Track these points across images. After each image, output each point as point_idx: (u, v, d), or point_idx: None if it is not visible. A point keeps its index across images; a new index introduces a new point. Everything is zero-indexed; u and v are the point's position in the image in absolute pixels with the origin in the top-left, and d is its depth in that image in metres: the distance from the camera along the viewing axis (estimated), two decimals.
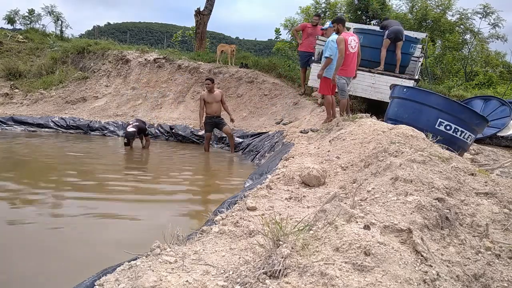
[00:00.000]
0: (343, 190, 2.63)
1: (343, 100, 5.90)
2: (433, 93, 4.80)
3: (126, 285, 1.41)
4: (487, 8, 13.95)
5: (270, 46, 19.10)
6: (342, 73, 5.71)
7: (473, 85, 13.06)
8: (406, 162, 2.30)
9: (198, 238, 1.96)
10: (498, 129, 6.72)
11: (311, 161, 3.80)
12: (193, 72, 10.17)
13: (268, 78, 9.49)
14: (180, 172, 5.58)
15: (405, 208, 1.72)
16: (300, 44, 8.36)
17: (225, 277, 1.42)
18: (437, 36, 14.01)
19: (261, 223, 2.07)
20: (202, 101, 7.01)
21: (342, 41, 5.56)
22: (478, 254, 1.57)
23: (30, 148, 6.88)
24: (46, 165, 5.55)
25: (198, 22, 12.12)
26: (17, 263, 2.48)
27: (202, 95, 7.10)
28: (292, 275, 1.28)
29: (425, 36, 8.85)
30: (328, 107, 6.23)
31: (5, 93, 10.13)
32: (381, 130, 3.73)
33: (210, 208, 3.27)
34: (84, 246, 2.78)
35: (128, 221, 3.35)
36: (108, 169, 5.82)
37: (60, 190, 4.21)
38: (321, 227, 1.52)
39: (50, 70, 11.00)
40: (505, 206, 1.97)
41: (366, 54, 6.79)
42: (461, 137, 4.29)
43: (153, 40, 47.36)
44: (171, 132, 8.58)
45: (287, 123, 7.57)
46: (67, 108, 9.69)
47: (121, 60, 10.84)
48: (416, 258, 1.37)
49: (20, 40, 12.78)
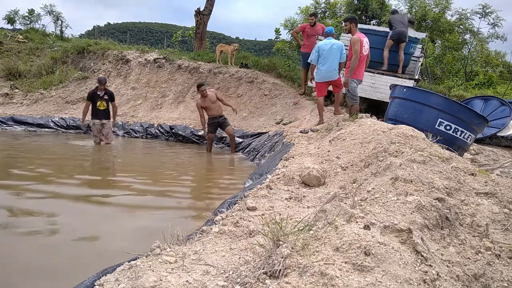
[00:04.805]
0: (343, 190, 2.63)
1: (355, 105, 5.76)
2: (433, 93, 4.80)
3: (126, 285, 1.41)
4: (486, 8, 13.97)
5: (270, 46, 19.11)
6: (353, 76, 5.56)
7: (473, 85, 13.07)
8: (406, 162, 2.30)
9: (198, 238, 1.96)
10: (498, 129, 6.72)
11: (311, 161, 3.80)
12: (193, 72, 10.17)
13: (268, 78, 9.48)
14: (180, 172, 5.58)
15: (405, 208, 1.72)
16: (302, 45, 8.38)
17: (225, 277, 1.42)
18: (437, 36, 14.03)
19: (261, 223, 2.07)
20: (200, 110, 6.91)
21: (357, 42, 5.37)
22: (478, 254, 1.57)
23: (30, 146, 6.89)
24: (50, 163, 5.55)
25: (198, 22, 12.13)
26: (17, 263, 2.48)
27: (198, 103, 6.99)
28: (292, 275, 1.28)
29: (425, 36, 8.85)
30: (320, 110, 6.19)
31: (5, 93, 10.13)
32: (381, 130, 3.72)
33: (210, 208, 3.27)
34: (84, 246, 2.78)
35: (128, 221, 3.35)
36: (108, 169, 5.83)
37: (60, 189, 4.21)
38: (321, 227, 1.52)
39: (50, 70, 11.01)
40: (505, 206, 1.97)
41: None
42: (461, 137, 4.29)
43: (153, 40, 47.40)
44: (171, 132, 8.59)
45: (287, 123, 7.57)
46: (67, 108, 9.69)
47: (121, 60, 10.85)
48: (416, 258, 1.37)
49: (20, 40, 12.79)
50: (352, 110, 5.80)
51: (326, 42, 5.90)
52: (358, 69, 5.55)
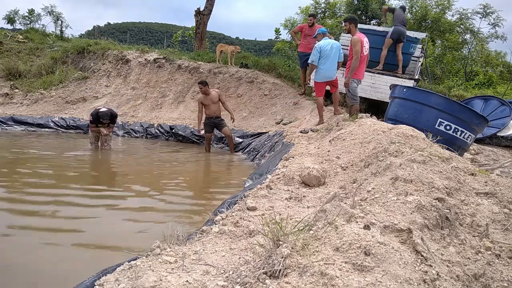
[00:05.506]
0: (343, 190, 2.63)
1: (355, 105, 5.80)
2: (433, 93, 4.80)
3: (126, 285, 1.41)
4: (487, 8, 13.97)
5: (270, 46, 19.11)
6: (354, 76, 5.57)
7: (473, 85, 13.08)
8: (406, 162, 2.30)
9: (198, 238, 1.96)
10: (498, 129, 6.72)
11: (311, 161, 3.80)
12: (193, 72, 10.17)
13: (268, 78, 9.48)
14: (180, 172, 5.58)
15: (405, 208, 1.72)
16: (299, 44, 8.41)
17: (225, 277, 1.42)
18: (437, 36, 14.03)
19: (261, 223, 2.07)
20: (200, 105, 6.99)
21: (358, 42, 5.38)
22: (478, 254, 1.57)
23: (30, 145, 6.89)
24: (50, 164, 5.55)
25: (198, 22, 12.13)
26: (16, 263, 2.48)
27: (199, 98, 7.10)
28: (292, 275, 1.28)
29: (425, 36, 8.85)
30: (320, 110, 6.20)
31: (5, 93, 10.13)
32: (381, 130, 3.72)
33: (210, 208, 3.27)
34: (84, 246, 2.77)
35: (127, 221, 3.35)
36: (108, 169, 5.83)
37: (60, 188, 4.21)
38: (321, 227, 1.52)
39: (50, 70, 11.01)
40: (505, 206, 1.97)
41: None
42: (461, 137, 4.29)
43: (153, 40, 47.41)
44: (171, 132, 8.59)
45: (287, 123, 7.57)
46: (67, 108, 9.69)
47: (121, 60, 10.84)
48: (416, 258, 1.37)
49: (20, 40, 12.78)
50: (352, 110, 5.80)
51: (326, 42, 5.92)
52: (358, 69, 5.56)
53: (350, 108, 5.95)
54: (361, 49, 5.42)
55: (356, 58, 5.41)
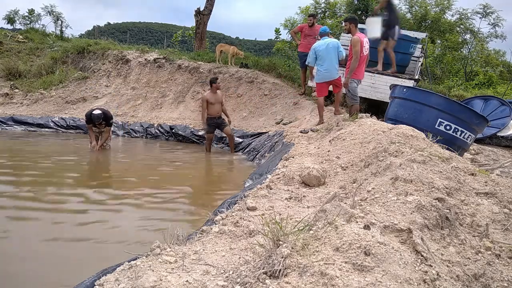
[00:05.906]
0: (343, 190, 2.63)
1: (355, 105, 5.78)
2: (433, 93, 4.80)
3: (126, 285, 1.41)
4: (487, 8, 13.97)
5: (270, 46, 19.10)
6: (354, 76, 5.55)
7: (473, 85, 13.07)
8: (406, 162, 2.30)
9: (198, 238, 1.96)
10: (498, 129, 6.72)
11: (311, 161, 3.80)
12: (193, 72, 10.16)
13: (268, 78, 9.48)
14: (180, 172, 5.58)
15: (405, 208, 1.72)
16: (299, 44, 8.41)
17: (225, 277, 1.42)
18: (437, 36, 14.03)
19: (261, 223, 2.07)
20: (205, 102, 6.84)
21: (357, 43, 5.36)
22: (478, 254, 1.57)
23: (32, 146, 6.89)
24: (49, 165, 5.55)
25: (198, 22, 12.12)
26: (16, 263, 2.48)
27: (205, 96, 6.93)
28: (292, 275, 1.28)
29: (425, 36, 8.85)
30: (320, 110, 6.19)
31: (5, 93, 10.12)
32: (381, 130, 3.72)
33: (210, 208, 3.27)
34: (85, 246, 2.78)
35: (128, 221, 3.35)
36: (108, 169, 5.83)
37: (59, 190, 4.21)
38: (321, 227, 1.52)
39: (50, 70, 10.99)
40: (505, 206, 1.97)
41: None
42: (461, 137, 4.29)
43: (153, 40, 47.36)
44: (171, 132, 8.59)
45: (287, 123, 7.56)
46: (67, 108, 9.68)
47: (121, 60, 10.84)
48: (416, 258, 1.37)
49: (20, 40, 12.77)
50: (352, 110, 5.79)
51: (322, 42, 5.90)
52: (358, 69, 5.55)
53: (350, 108, 5.94)
54: (361, 49, 5.41)
55: (355, 59, 5.40)
